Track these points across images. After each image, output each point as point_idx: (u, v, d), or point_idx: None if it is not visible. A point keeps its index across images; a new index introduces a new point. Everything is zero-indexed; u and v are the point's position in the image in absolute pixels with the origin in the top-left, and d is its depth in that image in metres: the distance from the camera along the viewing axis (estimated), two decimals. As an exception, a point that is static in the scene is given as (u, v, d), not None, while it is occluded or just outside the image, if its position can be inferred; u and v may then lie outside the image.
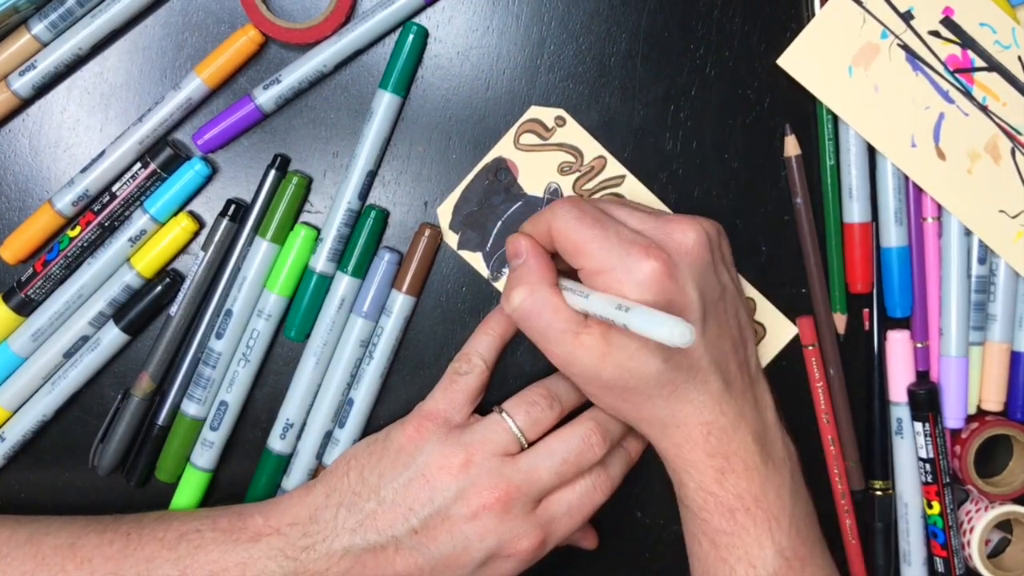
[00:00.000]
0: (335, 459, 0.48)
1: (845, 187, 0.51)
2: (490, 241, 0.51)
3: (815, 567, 0.45)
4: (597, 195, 0.51)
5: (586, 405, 0.48)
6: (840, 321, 0.52)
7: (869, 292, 0.52)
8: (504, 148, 0.50)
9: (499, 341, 0.48)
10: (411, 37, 0.48)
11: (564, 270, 0.45)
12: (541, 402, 0.46)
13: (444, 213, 0.51)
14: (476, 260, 0.51)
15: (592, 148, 0.51)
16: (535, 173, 0.51)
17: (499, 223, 0.51)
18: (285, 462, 0.51)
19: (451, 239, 0.51)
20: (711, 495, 0.44)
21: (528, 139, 0.50)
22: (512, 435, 0.45)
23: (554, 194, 0.51)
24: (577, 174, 0.51)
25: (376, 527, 0.44)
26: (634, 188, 0.51)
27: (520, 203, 0.51)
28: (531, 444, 0.46)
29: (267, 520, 0.45)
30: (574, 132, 0.50)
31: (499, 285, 0.51)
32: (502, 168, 0.50)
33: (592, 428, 0.46)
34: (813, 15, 0.49)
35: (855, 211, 0.51)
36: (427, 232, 0.50)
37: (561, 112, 0.50)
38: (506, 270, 0.51)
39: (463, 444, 0.45)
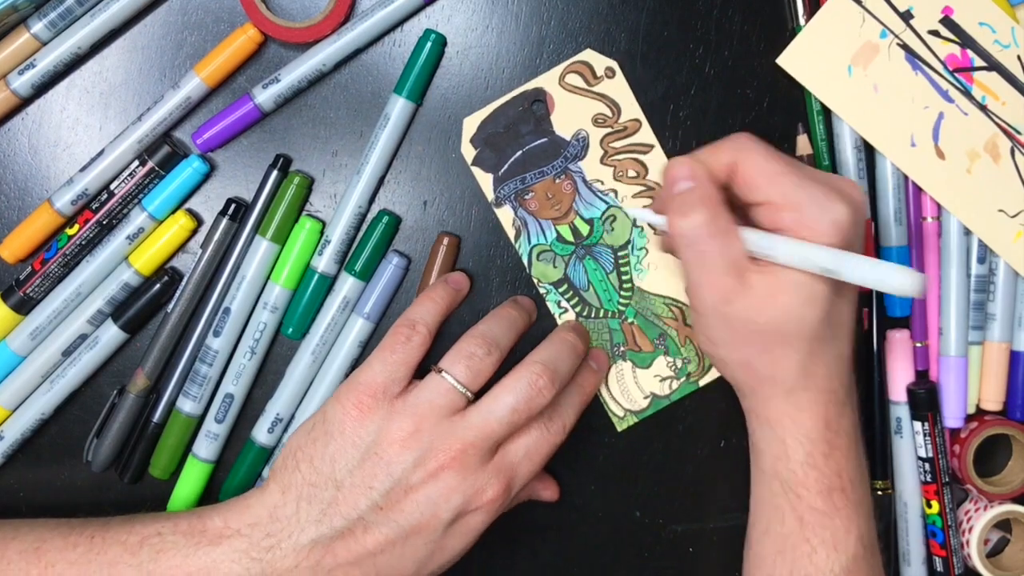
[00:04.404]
0: (279, 455, 0.46)
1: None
2: (504, 167, 0.50)
3: (877, 557, 0.45)
4: (622, 156, 0.50)
5: (523, 348, 0.47)
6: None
7: (868, 291, 0.52)
8: (547, 81, 0.50)
9: (444, 309, 0.47)
10: (429, 44, 0.48)
11: None
12: (478, 351, 0.45)
13: (470, 125, 0.50)
14: (485, 181, 0.51)
15: (631, 109, 0.50)
16: (569, 115, 0.50)
17: (519, 152, 0.50)
18: (267, 454, 0.51)
19: (468, 152, 0.50)
20: (815, 469, 0.43)
21: (573, 79, 0.50)
22: (456, 392, 0.44)
23: (580, 141, 0.50)
24: (609, 129, 0.50)
25: (340, 512, 0.43)
26: (660, 161, 0.51)
27: (546, 139, 0.50)
28: (476, 395, 0.45)
29: (227, 522, 0.44)
30: (620, 88, 0.50)
31: (500, 212, 0.51)
32: (539, 100, 0.50)
33: (539, 371, 0.45)
34: (797, 22, 0.49)
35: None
36: (445, 241, 0.50)
37: (613, 64, 0.50)
38: (508, 205, 0.51)
39: (409, 413, 0.44)
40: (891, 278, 0.36)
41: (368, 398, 0.44)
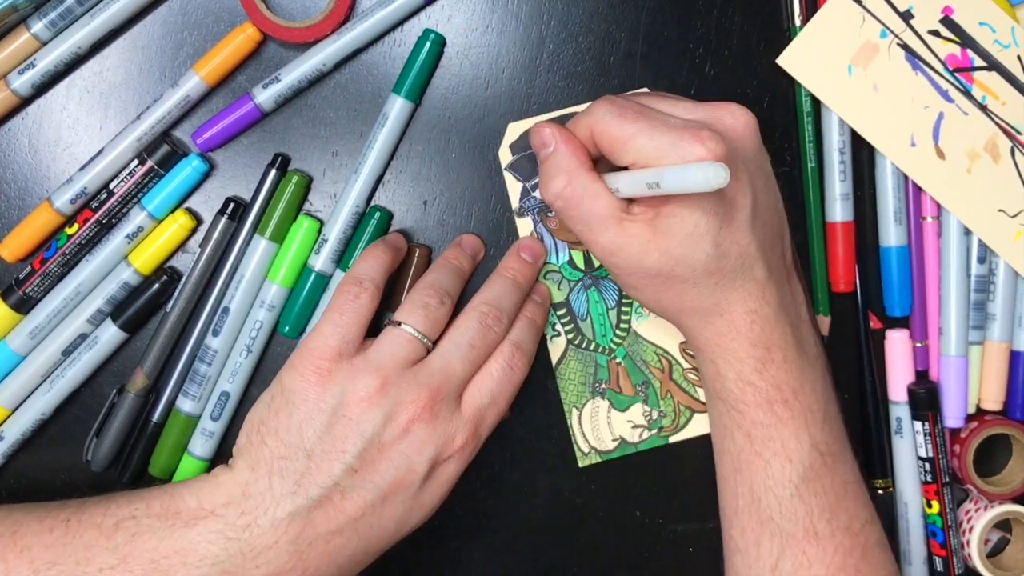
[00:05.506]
0: (242, 430, 0.45)
1: (828, 186, 0.51)
2: (536, 179, 0.50)
3: (844, 464, 0.45)
4: None
5: (468, 294, 0.48)
6: (824, 323, 0.52)
7: (852, 291, 0.52)
8: None
9: (388, 264, 0.47)
10: (428, 44, 0.48)
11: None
12: (431, 301, 0.45)
13: (513, 130, 0.50)
14: (514, 188, 0.51)
15: None
16: None
17: None
18: None
19: (504, 156, 0.50)
20: (750, 385, 0.44)
21: None
22: (417, 342, 0.44)
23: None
24: None
25: (315, 481, 0.42)
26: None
27: None
28: (434, 344, 0.45)
29: (200, 502, 0.43)
30: None
31: (520, 222, 0.51)
32: None
33: (485, 309, 0.46)
34: (792, 23, 0.50)
35: (837, 210, 0.51)
36: (417, 252, 0.50)
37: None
38: (529, 217, 0.51)
39: (372, 368, 0.43)
40: (695, 175, 0.35)
41: (325, 362, 0.44)
